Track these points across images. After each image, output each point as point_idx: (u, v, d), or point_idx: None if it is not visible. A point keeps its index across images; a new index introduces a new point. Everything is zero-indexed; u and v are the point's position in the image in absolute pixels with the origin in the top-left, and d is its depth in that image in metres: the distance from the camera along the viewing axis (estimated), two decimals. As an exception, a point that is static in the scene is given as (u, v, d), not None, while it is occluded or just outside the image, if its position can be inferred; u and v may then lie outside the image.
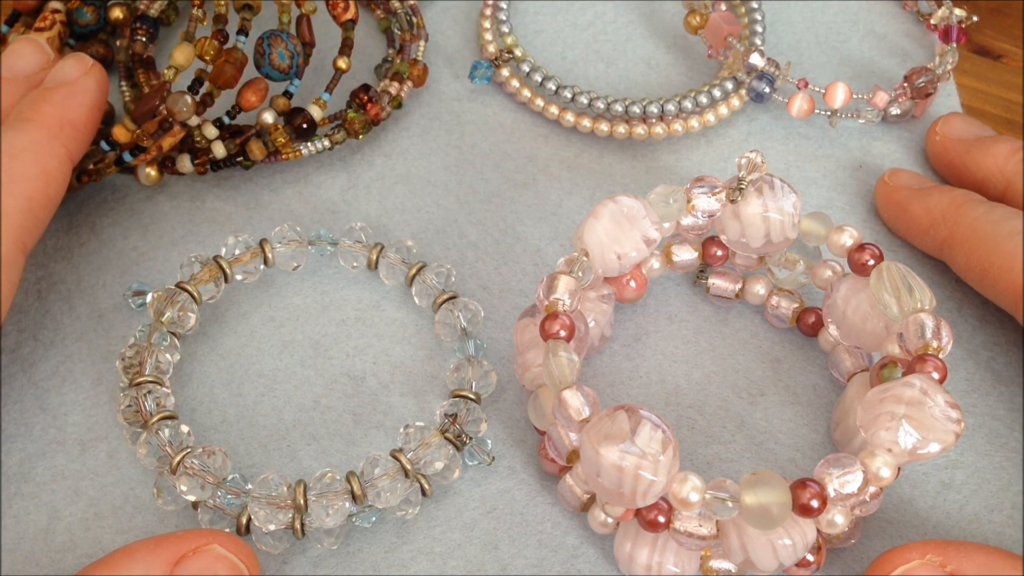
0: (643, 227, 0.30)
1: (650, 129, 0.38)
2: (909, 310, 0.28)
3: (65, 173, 0.31)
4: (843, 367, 0.32)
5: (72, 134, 0.32)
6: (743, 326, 0.34)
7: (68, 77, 0.32)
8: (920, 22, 0.43)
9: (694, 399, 0.33)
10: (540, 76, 0.39)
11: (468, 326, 0.33)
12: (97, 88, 0.33)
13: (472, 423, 0.31)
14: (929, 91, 0.38)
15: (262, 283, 0.35)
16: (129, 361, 0.31)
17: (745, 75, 0.38)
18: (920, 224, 0.34)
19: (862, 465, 0.26)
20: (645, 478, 0.25)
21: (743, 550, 0.27)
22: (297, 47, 0.35)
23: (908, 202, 0.35)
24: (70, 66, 0.33)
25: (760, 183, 0.31)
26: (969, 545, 0.27)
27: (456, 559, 0.29)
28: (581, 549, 0.30)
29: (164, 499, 0.29)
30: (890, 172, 0.37)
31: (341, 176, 0.38)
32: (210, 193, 0.37)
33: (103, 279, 0.35)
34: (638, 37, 0.42)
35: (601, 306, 0.32)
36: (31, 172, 0.30)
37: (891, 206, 0.36)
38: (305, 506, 0.28)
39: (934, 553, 0.26)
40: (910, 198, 0.35)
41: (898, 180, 0.36)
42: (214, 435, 0.32)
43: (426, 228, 0.36)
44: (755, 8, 0.40)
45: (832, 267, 0.32)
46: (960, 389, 0.33)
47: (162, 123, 0.34)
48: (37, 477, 0.30)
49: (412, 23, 0.40)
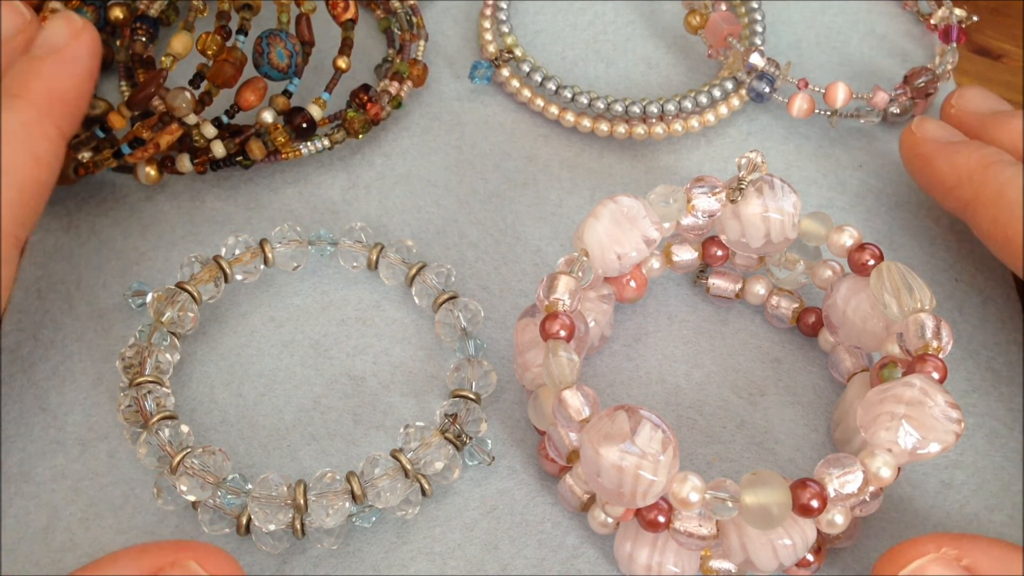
0: (643, 227, 0.30)
1: (650, 129, 0.38)
2: (909, 310, 0.28)
3: (58, 155, 0.29)
4: (843, 367, 0.32)
5: (63, 110, 0.30)
6: (743, 326, 0.34)
7: (57, 43, 0.30)
8: (920, 22, 0.43)
9: (694, 399, 0.33)
10: (540, 76, 0.39)
11: (468, 326, 0.33)
12: (89, 54, 0.30)
13: (472, 423, 0.31)
14: (929, 91, 0.38)
15: (262, 283, 0.35)
16: (129, 361, 0.31)
17: (745, 75, 0.38)
18: (945, 181, 0.33)
19: (862, 465, 0.26)
20: (645, 478, 0.25)
21: (743, 550, 0.27)
22: (296, 46, 0.35)
23: (934, 156, 0.33)
24: (58, 29, 0.30)
25: (760, 183, 0.31)
26: (981, 538, 0.26)
27: (456, 559, 0.29)
28: (581, 549, 0.30)
29: (164, 499, 0.29)
30: (918, 121, 0.35)
31: (341, 176, 0.38)
32: (210, 193, 0.37)
33: (103, 279, 0.35)
34: (638, 37, 0.42)
35: (601, 306, 0.32)
36: (21, 159, 0.28)
37: (916, 159, 0.34)
38: (305, 506, 0.28)
39: (948, 546, 0.25)
40: (936, 152, 0.33)
41: (925, 131, 0.34)
42: (214, 435, 0.32)
43: (426, 228, 0.36)
44: (755, 8, 0.40)
45: (832, 267, 0.32)
46: (960, 389, 0.33)
47: (161, 118, 0.34)
48: (37, 477, 0.30)
49: (412, 23, 0.40)
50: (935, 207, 0.37)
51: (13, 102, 0.29)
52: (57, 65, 0.30)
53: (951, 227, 0.37)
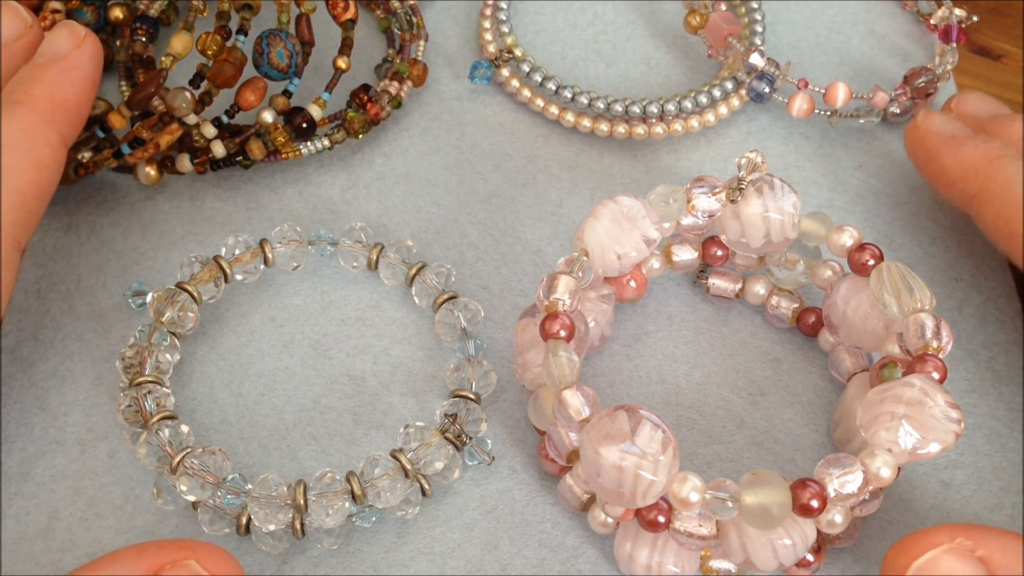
0: (643, 227, 0.30)
1: (650, 129, 0.38)
2: (909, 310, 0.28)
3: (59, 160, 0.30)
4: (843, 367, 0.32)
5: (65, 116, 0.30)
6: (743, 326, 0.34)
7: (59, 51, 0.30)
8: (920, 22, 0.43)
9: (694, 399, 0.33)
10: (540, 76, 0.39)
11: (468, 326, 0.33)
12: (91, 63, 0.31)
13: (472, 423, 0.31)
14: (929, 91, 0.38)
15: (262, 283, 0.35)
16: (129, 361, 0.31)
17: (745, 75, 0.38)
18: (950, 175, 0.33)
19: (862, 465, 0.26)
20: (645, 478, 0.25)
21: (743, 550, 0.27)
22: (296, 46, 0.35)
23: (939, 150, 0.33)
24: (62, 38, 0.31)
25: (760, 183, 0.31)
26: (995, 530, 0.25)
27: (456, 559, 0.29)
28: (581, 549, 0.30)
29: (164, 499, 0.29)
30: (923, 114, 0.35)
31: (341, 176, 0.38)
32: (210, 193, 0.37)
33: (103, 279, 0.35)
34: (638, 37, 0.42)
35: (601, 306, 0.32)
36: (22, 164, 0.29)
37: (921, 152, 0.34)
38: (305, 506, 0.28)
39: (962, 536, 0.25)
40: (941, 146, 0.33)
41: (930, 124, 0.34)
42: (214, 435, 0.32)
43: (426, 228, 0.36)
44: (755, 8, 0.40)
45: (832, 267, 0.32)
46: (960, 389, 0.33)
47: (161, 118, 0.34)
48: (37, 477, 0.30)
49: (412, 23, 0.40)
50: (935, 207, 0.37)
51: (15, 108, 0.29)
52: (59, 73, 0.30)
53: (951, 227, 0.37)
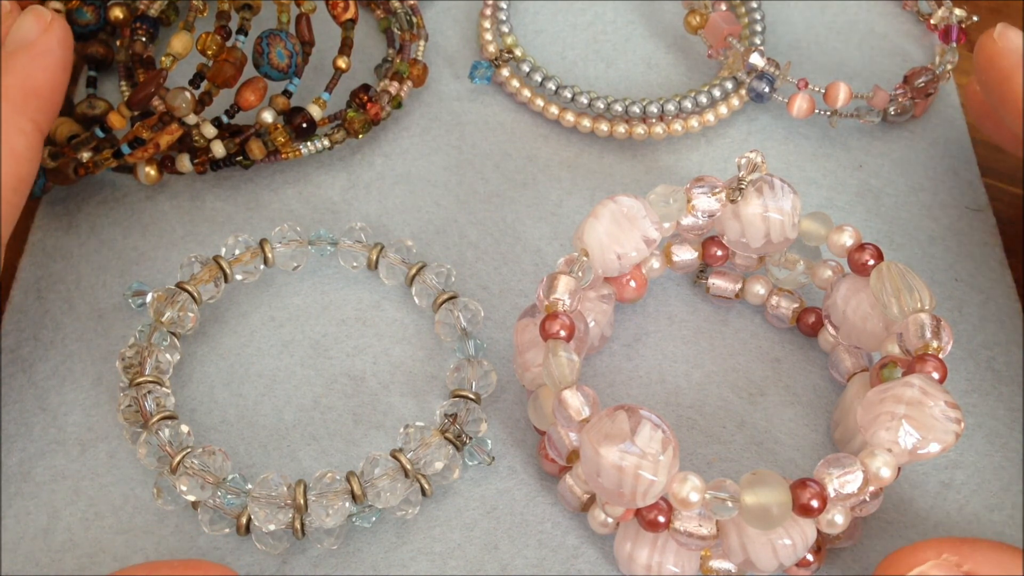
0: (643, 227, 0.30)
1: (650, 129, 0.38)
2: (909, 310, 0.28)
3: (35, 149, 0.29)
4: (843, 367, 0.32)
5: (38, 104, 0.30)
6: (743, 326, 0.34)
7: (28, 38, 0.30)
8: (920, 22, 0.43)
9: (694, 399, 0.33)
10: (540, 76, 0.39)
11: (468, 326, 0.33)
12: (60, 46, 0.30)
13: (472, 423, 0.31)
14: (929, 91, 0.38)
15: (262, 283, 0.35)
16: (129, 361, 0.31)
17: (745, 75, 0.38)
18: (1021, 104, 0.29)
19: (862, 465, 0.26)
20: (645, 478, 0.25)
21: (743, 550, 0.27)
22: (296, 46, 0.35)
23: (1013, 72, 0.29)
24: (28, 24, 0.30)
25: (760, 183, 0.31)
26: (981, 542, 0.26)
27: (456, 559, 0.29)
28: (581, 549, 0.30)
29: (164, 499, 0.29)
30: (1001, 28, 0.30)
31: (341, 176, 0.38)
32: (210, 193, 0.37)
33: (103, 279, 0.35)
34: (638, 37, 0.42)
35: (601, 306, 0.32)
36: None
37: (992, 72, 0.30)
38: (305, 506, 0.28)
39: (948, 551, 0.25)
40: (1016, 67, 0.29)
41: (1008, 41, 0.30)
42: (214, 435, 0.32)
43: (426, 228, 0.36)
44: (755, 8, 0.40)
45: (832, 267, 0.32)
46: (960, 389, 0.33)
47: (161, 118, 0.34)
48: (37, 477, 0.30)
49: (412, 23, 0.40)
50: (935, 207, 0.37)
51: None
52: (29, 59, 0.30)
53: (951, 227, 0.37)
